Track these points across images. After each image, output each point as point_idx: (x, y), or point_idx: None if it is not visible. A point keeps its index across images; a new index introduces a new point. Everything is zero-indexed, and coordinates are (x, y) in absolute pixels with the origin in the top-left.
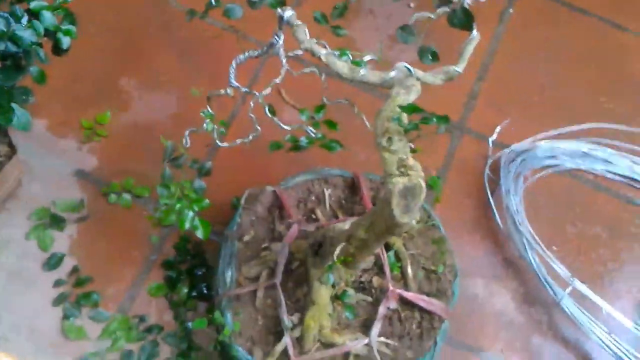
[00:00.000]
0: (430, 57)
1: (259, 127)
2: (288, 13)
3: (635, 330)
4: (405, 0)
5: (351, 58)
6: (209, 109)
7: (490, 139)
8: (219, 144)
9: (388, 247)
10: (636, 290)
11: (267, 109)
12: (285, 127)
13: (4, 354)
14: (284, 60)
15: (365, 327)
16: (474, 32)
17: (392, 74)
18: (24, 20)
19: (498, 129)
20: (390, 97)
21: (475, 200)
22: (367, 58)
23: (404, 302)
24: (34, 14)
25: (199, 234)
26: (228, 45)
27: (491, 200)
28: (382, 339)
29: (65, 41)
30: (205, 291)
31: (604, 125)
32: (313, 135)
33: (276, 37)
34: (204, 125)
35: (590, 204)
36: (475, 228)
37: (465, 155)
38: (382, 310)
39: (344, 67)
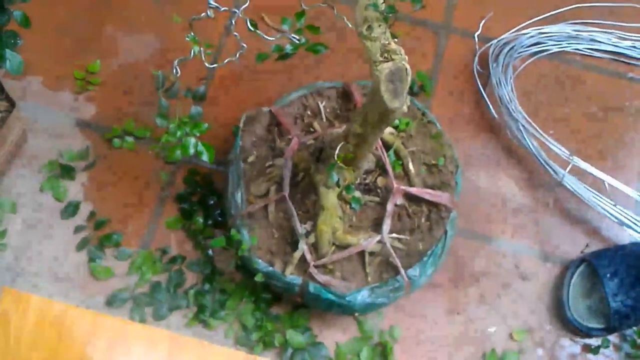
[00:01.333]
0: None
1: (244, 45)
2: None
3: None
4: None
5: None
6: (193, 34)
7: (476, 34)
8: (207, 65)
9: (388, 148)
10: (638, 160)
11: (248, 22)
12: (269, 38)
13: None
14: None
15: (377, 226)
16: None
17: None
18: None
19: (482, 23)
20: None
21: (468, 96)
22: None
23: (410, 198)
24: None
25: (205, 157)
26: None
27: (483, 93)
28: (394, 235)
29: None
30: (219, 218)
31: (586, 5)
32: (297, 42)
33: None
34: (191, 52)
35: (581, 84)
36: (471, 122)
37: (453, 54)
38: (389, 207)
39: None
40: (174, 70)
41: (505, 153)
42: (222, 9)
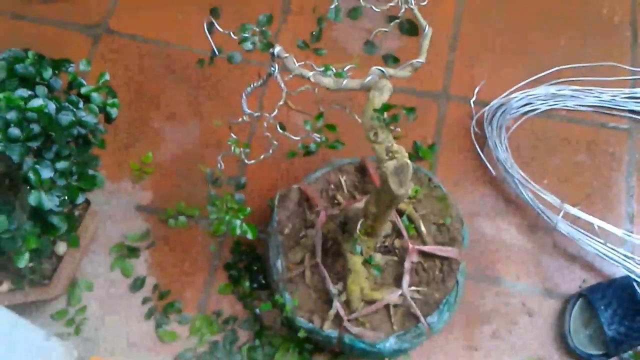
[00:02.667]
0: (393, 61)
1: (275, 142)
2: (277, 49)
3: (626, 237)
4: (362, 25)
5: (334, 70)
6: (233, 135)
7: (472, 100)
8: (247, 162)
9: (401, 213)
10: (624, 200)
11: (278, 126)
12: (295, 138)
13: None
14: (282, 84)
15: (398, 281)
16: (427, 28)
17: (368, 78)
18: (81, 104)
19: (476, 90)
20: (369, 100)
21: (469, 156)
22: (347, 67)
23: (424, 255)
24: (86, 97)
25: (249, 235)
26: (232, 80)
27: (481, 153)
28: (413, 288)
29: (114, 112)
30: (263, 281)
31: (566, 67)
32: (319, 140)
33: (272, 67)
34: (232, 149)
35: (568, 136)
36: (473, 179)
37: (453, 119)
38: (407, 265)
39: (330, 82)
40: (219, 165)
41: (505, 204)
42: (255, 114)
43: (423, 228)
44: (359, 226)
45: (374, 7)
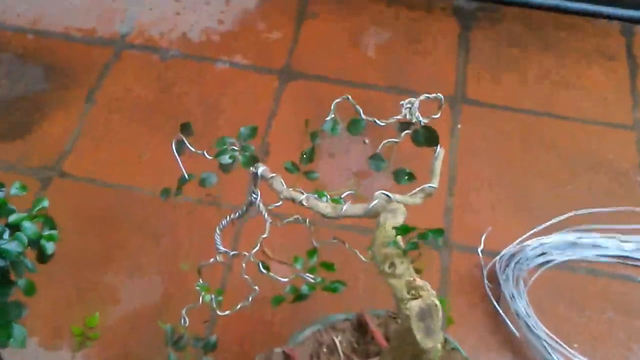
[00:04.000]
0: (407, 178)
1: (256, 287)
2: (261, 168)
3: None
4: (360, 137)
5: (329, 197)
6: (202, 282)
7: (479, 249)
8: (220, 313)
9: None
10: None
11: (260, 265)
12: (282, 279)
13: None
14: (266, 214)
15: None
16: (439, 148)
17: (374, 202)
18: (6, 235)
19: (483, 237)
20: (379, 224)
21: (483, 313)
22: (345, 194)
23: None
24: (15, 227)
25: None
26: (204, 217)
27: (499, 309)
28: None
29: (50, 247)
30: None
31: (582, 212)
32: (313, 281)
33: (253, 194)
34: (201, 298)
35: (593, 291)
36: (492, 341)
37: (459, 271)
38: None
39: (327, 208)
40: (182, 320)
41: None
42: (232, 253)
43: None
44: None
45: (377, 121)
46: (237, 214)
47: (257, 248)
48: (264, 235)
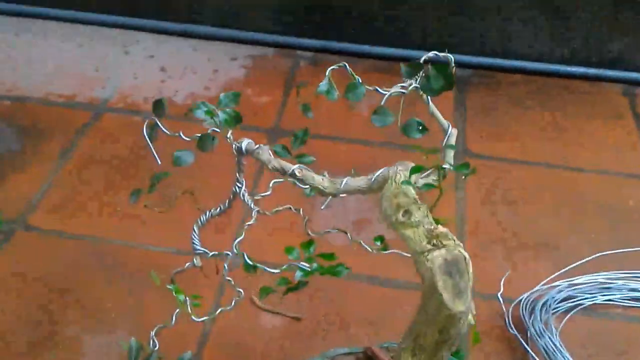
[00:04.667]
0: (419, 129)
1: (241, 290)
2: (245, 141)
3: None
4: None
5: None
6: (170, 287)
7: (499, 294)
8: (195, 319)
9: None
10: None
11: (245, 257)
12: (274, 271)
13: None
14: (252, 204)
15: None
16: (451, 128)
17: (380, 172)
18: None
19: (502, 281)
20: (389, 178)
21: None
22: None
23: None
24: None
25: None
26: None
27: (528, 348)
28: None
29: None
30: None
31: (612, 252)
32: (309, 268)
33: (238, 183)
34: (174, 315)
35: (631, 338)
36: None
37: (478, 320)
38: None
39: (324, 182)
40: (151, 342)
41: None
42: (211, 254)
43: None
44: None
45: (379, 89)
46: (218, 209)
47: (242, 236)
48: (251, 222)
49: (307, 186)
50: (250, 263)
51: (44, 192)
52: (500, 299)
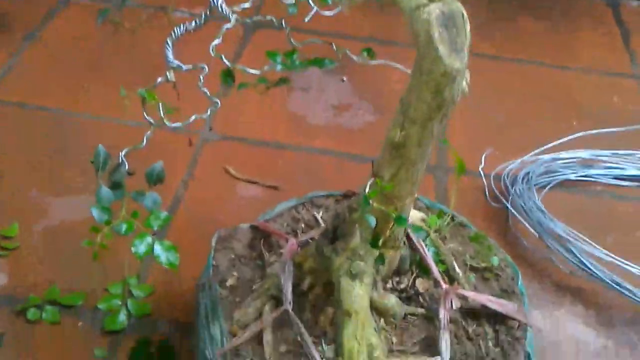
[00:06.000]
0: None
1: (217, 100)
2: None
3: None
4: (339, 76)
5: None
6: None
7: (481, 168)
8: (168, 124)
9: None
10: None
11: (223, 58)
12: (254, 71)
13: None
14: (230, 14)
15: (428, 348)
16: None
17: None
18: None
19: (483, 156)
20: None
21: (489, 232)
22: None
23: (467, 314)
24: None
25: (163, 259)
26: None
27: (509, 208)
28: None
29: None
30: None
31: (601, 131)
32: (290, 64)
33: None
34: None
35: (616, 214)
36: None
37: (457, 193)
38: (443, 314)
39: None
40: (119, 160)
41: (557, 288)
42: (185, 67)
43: (458, 269)
44: (367, 188)
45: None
46: (193, 23)
47: (219, 39)
48: (228, 26)
49: None
50: (229, 64)
51: (7, 70)
52: (482, 172)
